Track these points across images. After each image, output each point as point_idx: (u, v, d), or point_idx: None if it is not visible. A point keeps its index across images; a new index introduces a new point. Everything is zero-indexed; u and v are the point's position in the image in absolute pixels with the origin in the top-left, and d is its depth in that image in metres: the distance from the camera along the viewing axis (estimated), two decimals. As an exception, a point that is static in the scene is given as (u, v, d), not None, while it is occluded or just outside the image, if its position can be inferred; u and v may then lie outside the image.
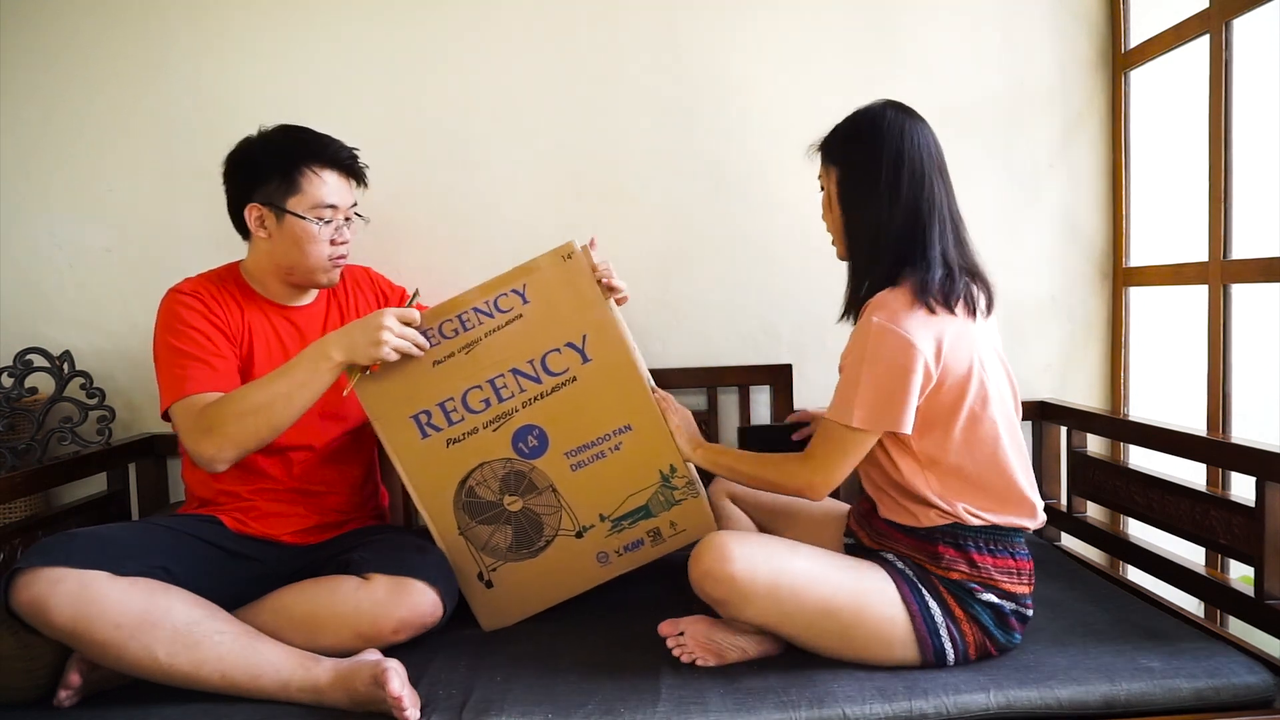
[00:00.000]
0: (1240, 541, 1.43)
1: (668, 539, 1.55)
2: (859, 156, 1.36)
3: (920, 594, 1.33)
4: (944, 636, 1.32)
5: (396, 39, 1.96)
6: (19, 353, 1.83)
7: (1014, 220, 2.05)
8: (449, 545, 1.54)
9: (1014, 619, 1.35)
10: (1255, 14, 1.62)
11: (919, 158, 1.34)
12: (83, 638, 1.27)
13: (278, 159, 1.53)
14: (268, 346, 1.59)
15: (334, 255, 1.58)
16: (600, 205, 2.00)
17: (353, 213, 1.61)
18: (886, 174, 1.33)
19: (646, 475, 1.52)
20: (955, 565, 1.33)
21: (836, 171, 1.39)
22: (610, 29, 1.98)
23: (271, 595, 1.44)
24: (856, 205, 1.37)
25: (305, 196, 1.53)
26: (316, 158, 1.54)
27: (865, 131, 1.36)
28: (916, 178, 1.33)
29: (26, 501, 1.82)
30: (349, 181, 1.60)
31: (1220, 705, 1.27)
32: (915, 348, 1.26)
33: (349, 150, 1.59)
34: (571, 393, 1.48)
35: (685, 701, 1.26)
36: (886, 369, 1.27)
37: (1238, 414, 1.72)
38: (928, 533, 1.35)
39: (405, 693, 1.24)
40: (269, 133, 1.57)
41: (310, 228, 1.53)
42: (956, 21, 2.01)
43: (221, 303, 1.56)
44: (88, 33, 1.92)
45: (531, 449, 1.50)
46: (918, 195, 1.33)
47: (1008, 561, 1.35)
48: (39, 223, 1.95)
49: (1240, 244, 1.69)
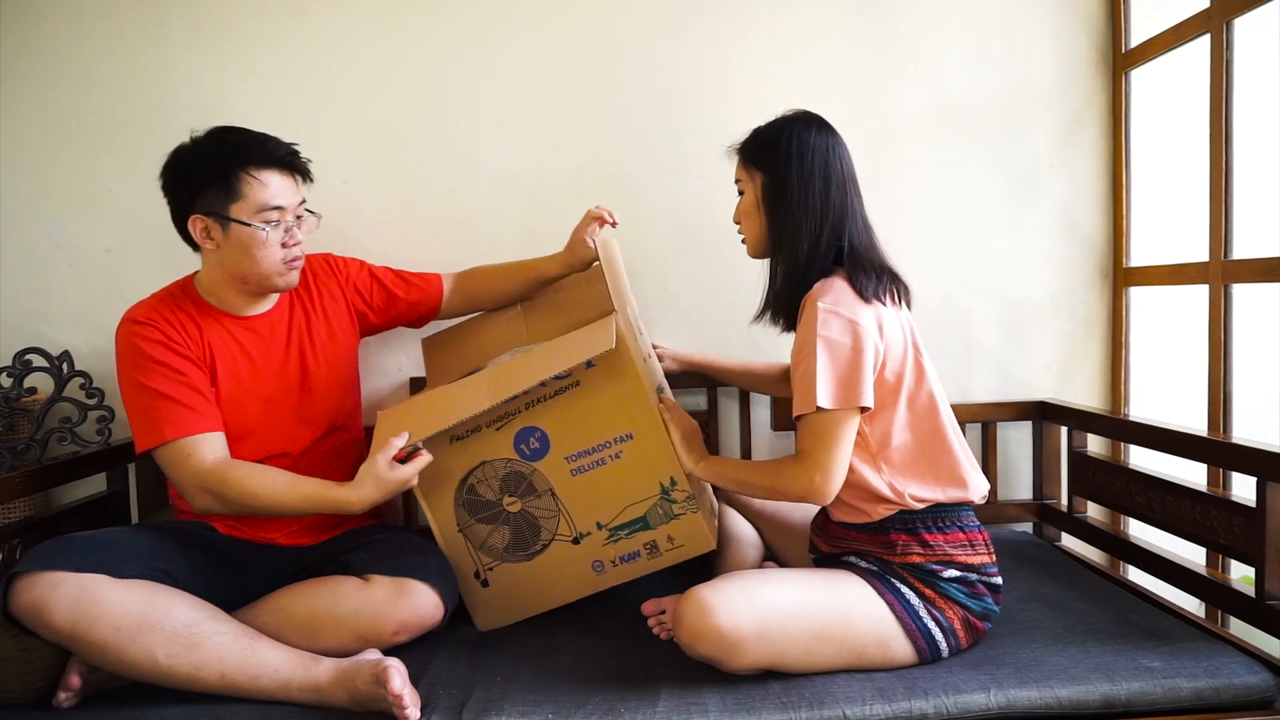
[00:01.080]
0: (1241, 542, 1.43)
1: (664, 553, 1.53)
2: (787, 164, 1.42)
3: (891, 584, 1.36)
4: (928, 620, 1.34)
5: (397, 39, 1.96)
6: (18, 353, 1.83)
7: (1014, 220, 2.05)
8: (448, 541, 1.54)
9: (982, 587, 1.39)
10: (1255, 14, 1.62)
11: (839, 168, 1.43)
12: (82, 640, 1.27)
13: (213, 166, 1.47)
14: (231, 363, 1.55)
15: (288, 258, 1.53)
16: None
17: (303, 210, 1.55)
18: (813, 182, 1.41)
19: (646, 486, 1.50)
20: (910, 549, 1.38)
21: (763, 177, 1.45)
22: (610, 29, 1.98)
23: (271, 597, 1.45)
24: (783, 209, 1.42)
25: (248, 202, 1.47)
26: (253, 159, 1.47)
27: (792, 141, 1.43)
28: (838, 186, 1.42)
29: (26, 502, 1.81)
30: (292, 178, 1.53)
31: (1220, 705, 1.28)
32: (862, 326, 1.33)
33: (287, 146, 1.52)
34: (574, 397, 1.47)
35: (685, 702, 1.26)
36: (840, 348, 1.32)
37: (1238, 414, 1.72)
38: (879, 525, 1.40)
39: (406, 691, 1.24)
40: (201, 138, 1.51)
41: (257, 234, 1.47)
42: (956, 21, 2.01)
43: (178, 326, 1.51)
44: (88, 33, 1.92)
45: (533, 451, 1.50)
46: (840, 202, 1.42)
47: (957, 535, 1.39)
48: (39, 223, 1.95)
49: (1240, 244, 1.69)
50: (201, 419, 1.46)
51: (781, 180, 1.42)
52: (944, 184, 2.02)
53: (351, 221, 1.95)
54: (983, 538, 1.42)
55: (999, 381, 2.07)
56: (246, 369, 1.56)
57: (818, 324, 1.32)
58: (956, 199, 2.03)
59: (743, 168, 1.49)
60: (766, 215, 1.45)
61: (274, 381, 1.59)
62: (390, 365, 1.99)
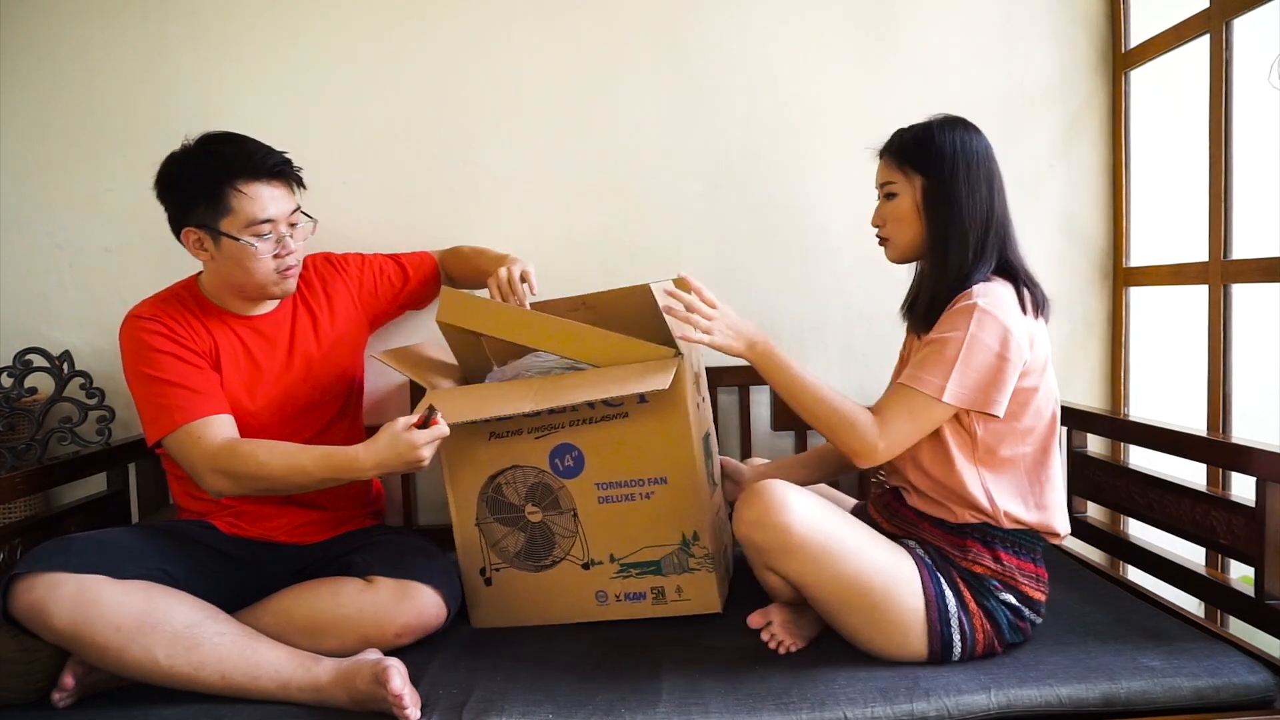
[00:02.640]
0: (1241, 541, 1.43)
1: (670, 603, 1.52)
2: (953, 167, 1.38)
3: (938, 582, 1.35)
4: (954, 628, 1.33)
5: (397, 39, 1.96)
6: (19, 353, 1.83)
7: (1014, 220, 2.04)
8: (463, 533, 1.55)
9: (1027, 624, 1.38)
10: (1255, 14, 1.62)
11: (999, 173, 1.42)
12: (83, 641, 1.27)
13: (201, 180, 1.45)
14: (235, 361, 1.55)
15: (281, 268, 1.51)
16: (600, 205, 2.00)
17: (298, 217, 1.53)
18: (980, 187, 1.39)
19: (669, 533, 1.49)
20: (980, 560, 1.37)
21: (924, 180, 1.40)
22: (611, 29, 1.98)
23: (273, 598, 1.44)
24: (949, 214, 1.39)
25: (237, 216, 1.45)
26: (241, 173, 1.44)
27: (956, 143, 1.40)
28: (999, 192, 1.41)
29: (26, 502, 1.82)
30: (284, 187, 1.50)
31: (1220, 705, 1.27)
32: (1015, 337, 1.31)
33: (277, 157, 1.49)
34: (619, 426, 1.46)
35: (686, 703, 1.26)
36: (987, 352, 1.30)
37: (1238, 414, 1.72)
38: (958, 528, 1.39)
39: (406, 691, 1.24)
40: (191, 148, 1.48)
41: (248, 248, 1.46)
42: (956, 21, 2.01)
43: (183, 322, 1.51)
44: (89, 33, 1.92)
45: (566, 468, 1.50)
46: (1002, 209, 1.41)
47: (1030, 565, 1.39)
48: (39, 223, 1.95)
49: (1240, 244, 1.69)
50: (209, 402, 1.47)
51: (947, 183, 1.38)
52: (944, 184, 2.02)
53: (351, 221, 1.95)
54: (1045, 576, 1.41)
55: (999, 381, 2.07)
56: (250, 369, 1.56)
57: (973, 321, 1.30)
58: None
59: (897, 170, 1.43)
60: (927, 219, 1.41)
61: (278, 381, 1.59)
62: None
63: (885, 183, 1.45)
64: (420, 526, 1.99)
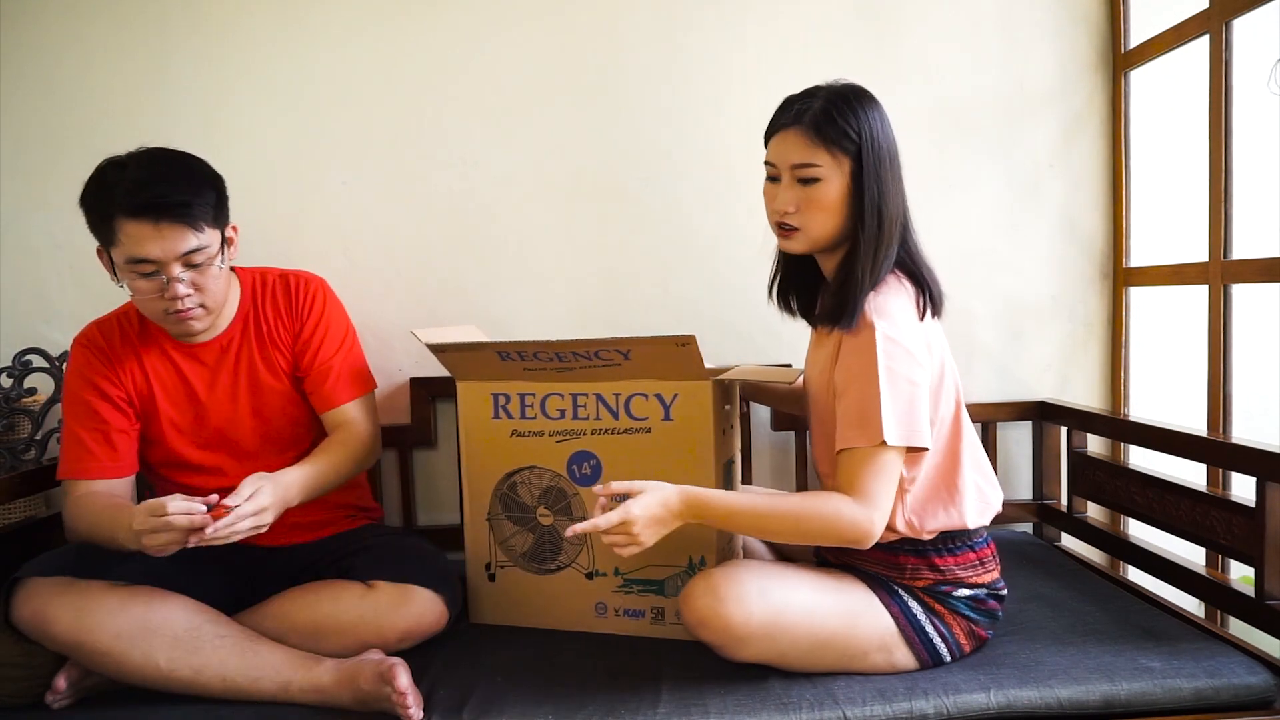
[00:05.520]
0: (1240, 542, 1.43)
1: (668, 624, 1.51)
2: (878, 147, 1.25)
3: (899, 597, 1.34)
4: (932, 633, 1.33)
5: (397, 39, 1.95)
6: (18, 353, 1.83)
7: (1014, 220, 2.05)
8: (473, 526, 1.56)
9: (992, 601, 1.38)
10: (1255, 14, 1.62)
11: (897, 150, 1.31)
12: (84, 647, 1.27)
13: (91, 208, 1.36)
14: (171, 392, 1.49)
15: (169, 310, 1.37)
16: (600, 205, 2.00)
17: (202, 257, 1.35)
18: (897, 169, 1.30)
19: (676, 555, 1.48)
20: (919, 572, 1.35)
21: (852, 164, 1.26)
22: (611, 30, 1.98)
23: (273, 602, 1.44)
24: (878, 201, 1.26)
25: (121, 249, 1.33)
26: (118, 208, 1.31)
27: (875, 119, 1.27)
28: (899, 169, 1.30)
29: (26, 502, 1.81)
30: (170, 226, 1.32)
31: (1220, 705, 1.28)
32: (919, 359, 1.26)
33: (152, 193, 1.31)
34: (642, 441, 1.46)
35: (686, 703, 1.26)
36: (904, 382, 1.23)
37: (1238, 414, 1.72)
38: (888, 548, 1.35)
39: (411, 690, 1.24)
40: (101, 166, 1.37)
41: (132, 283, 1.36)
42: (956, 21, 2.01)
43: (114, 359, 1.46)
44: (88, 32, 1.91)
45: (583, 476, 1.50)
46: (904, 192, 1.31)
47: (968, 556, 1.37)
48: (39, 223, 1.94)
49: (1240, 244, 1.69)
50: (95, 464, 1.43)
51: (876, 168, 1.25)
52: (944, 184, 2.02)
53: (351, 221, 1.95)
54: (991, 551, 1.39)
55: (999, 382, 2.07)
56: (185, 400, 1.50)
57: (878, 352, 1.21)
58: (956, 199, 2.03)
59: (822, 150, 1.26)
60: (853, 208, 1.27)
61: (224, 410, 1.51)
62: (390, 366, 1.99)
63: (804, 164, 1.27)
64: (420, 527, 1.99)
